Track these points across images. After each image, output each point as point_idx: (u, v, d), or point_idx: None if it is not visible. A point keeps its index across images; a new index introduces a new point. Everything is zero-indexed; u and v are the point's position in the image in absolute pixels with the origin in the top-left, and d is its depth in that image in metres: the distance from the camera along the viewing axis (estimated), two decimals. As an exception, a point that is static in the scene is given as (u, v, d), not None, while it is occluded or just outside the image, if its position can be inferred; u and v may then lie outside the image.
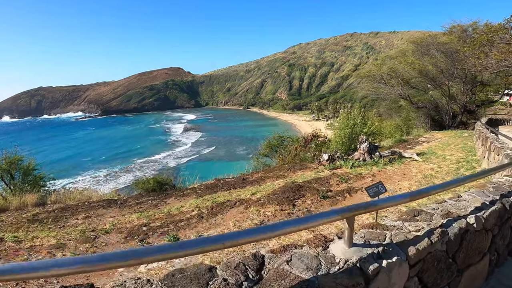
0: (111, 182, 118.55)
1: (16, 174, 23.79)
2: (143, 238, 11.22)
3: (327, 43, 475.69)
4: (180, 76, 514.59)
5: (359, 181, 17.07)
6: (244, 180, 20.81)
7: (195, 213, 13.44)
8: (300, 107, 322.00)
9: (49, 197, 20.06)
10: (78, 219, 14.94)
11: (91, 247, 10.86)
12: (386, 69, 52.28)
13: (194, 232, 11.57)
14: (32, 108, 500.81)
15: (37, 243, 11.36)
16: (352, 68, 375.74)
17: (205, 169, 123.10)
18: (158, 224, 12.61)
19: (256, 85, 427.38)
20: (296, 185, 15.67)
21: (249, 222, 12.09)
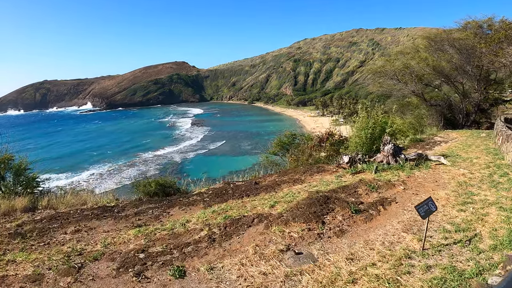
0: (114, 177, 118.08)
1: (7, 175, 21.93)
2: (139, 271, 9.00)
3: (332, 38, 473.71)
4: (185, 70, 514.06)
5: (390, 190, 15.12)
6: (256, 184, 18.75)
7: (204, 234, 11.22)
8: (305, 103, 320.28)
9: (41, 201, 18.08)
10: (66, 233, 12.89)
11: (75, 282, 8.67)
12: (399, 65, 50.28)
13: (205, 262, 9.40)
14: (37, 101, 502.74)
15: (10, 273, 9.30)
16: (357, 64, 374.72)
17: (210, 163, 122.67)
18: (159, 249, 10.38)
19: (261, 80, 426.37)
20: (323, 196, 13.54)
21: (272, 247, 9.94)
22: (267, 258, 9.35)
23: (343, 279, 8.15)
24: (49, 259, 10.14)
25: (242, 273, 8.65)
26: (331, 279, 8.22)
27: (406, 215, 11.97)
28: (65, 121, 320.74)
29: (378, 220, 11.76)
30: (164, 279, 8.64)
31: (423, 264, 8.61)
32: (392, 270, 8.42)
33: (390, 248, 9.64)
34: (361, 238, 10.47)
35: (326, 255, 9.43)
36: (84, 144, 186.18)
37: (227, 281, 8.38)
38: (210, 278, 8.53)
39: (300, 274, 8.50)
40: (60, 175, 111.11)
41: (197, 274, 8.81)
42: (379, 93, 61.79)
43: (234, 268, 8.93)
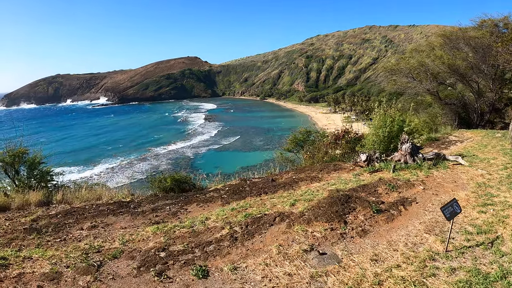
0: (126, 171, 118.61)
1: (21, 168, 21.90)
2: (161, 270, 8.78)
3: (345, 35, 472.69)
4: (197, 65, 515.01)
5: (410, 190, 14.84)
6: (273, 181, 18.52)
7: (226, 232, 11.00)
8: (317, 99, 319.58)
9: (55, 195, 17.98)
10: (83, 229, 12.72)
11: (94, 281, 8.46)
12: (414, 63, 49.86)
13: (228, 262, 9.18)
14: (50, 95, 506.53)
15: (27, 270, 9.08)
16: (370, 61, 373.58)
17: (222, 159, 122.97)
18: (180, 247, 10.18)
19: (273, 76, 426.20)
20: (344, 195, 13.31)
21: (296, 247, 9.71)
22: (291, 258, 9.15)
23: (369, 281, 7.99)
24: (66, 256, 9.96)
25: (267, 274, 8.47)
26: (357, 280, 8.05)
27: (428, 216, 11.74)
28: (78, 115, 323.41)
29: (400, 221, 11.54)
30: (187, 279, 8.44)
31: (448, 267, 8.43)
32: (417, 272, 8.26)
33: (413, 250, 9.45)
34: (384, 238, 10.27)
35: (350, 256, 9.24)
36: (98, 138, 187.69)
37: (252, 281, 8.19)
38: (234, 279, 8.33)
39: (325, 275, 8.32)
40: (73, 168, 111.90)
41: (220, 274, 8.61)
42: (392, 90, 61.55)
43: (258, 268, 8.73)
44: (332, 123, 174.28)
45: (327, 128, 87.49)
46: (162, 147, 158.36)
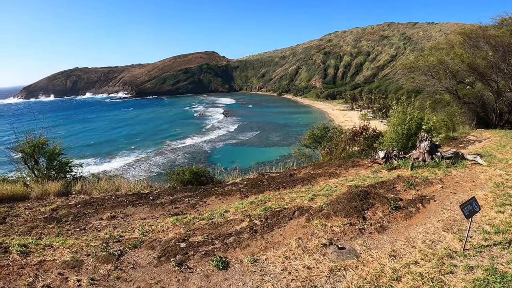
0: (143, 164, 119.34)
1: (41, 159, 22.14)
2: (181, 261, 8.85)
3: (363, 32, 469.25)
4: (215, 60, 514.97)
5: (428, 188, 14.73)
6: (291, 176, 18.54)
7: (245, 225, 11.05)
8: (334, 96, 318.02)
9: (74, 186, 18.13)
10: (102, 219, 12.85)
11: (115, 270, 8.56)
12: (433, 61, 49.41)
13: (248, 254, 9.22)
14: (68, 88, 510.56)
15: (48, 258, 9.18)
16: (388, 58, 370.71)
17: (239, 154, 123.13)
18: (200, 238, 10.25)
19: (291, 71, 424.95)
20: (362, 191, 13.25)
21: (315, 241, 9.72)
22: (310, 251, 9.16)
23: (387, 276, 7.98)
24: (87, 245, 10.06)
25: (286, 266, 8.49)
26: (375, 275, 8.05)
27: (446, 214, 11.67)
28: (97, 108, 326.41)
29: (418, 218, 11.49)
30: (207, 269, 8.51)
31: (465, 265, 8.39)
32: (435, 269, 8.23)
33: (431, 247, 9.41)
34: (402, 235, 10.25)
35: (369, 251, 9.24)
36: (119, 132, 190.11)
37: (272, 274, 8.22)
38: (254, 271, 8.38)
39: (344, 269, 8.33)
40: (90, 160, 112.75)
41: (240, 265, 8.66)
42: (410, 88, 61.09)
43: (278, 261, 8.76)
44: (349, 120, 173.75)
45: (344, 125, 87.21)
46: (179, 141, 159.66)
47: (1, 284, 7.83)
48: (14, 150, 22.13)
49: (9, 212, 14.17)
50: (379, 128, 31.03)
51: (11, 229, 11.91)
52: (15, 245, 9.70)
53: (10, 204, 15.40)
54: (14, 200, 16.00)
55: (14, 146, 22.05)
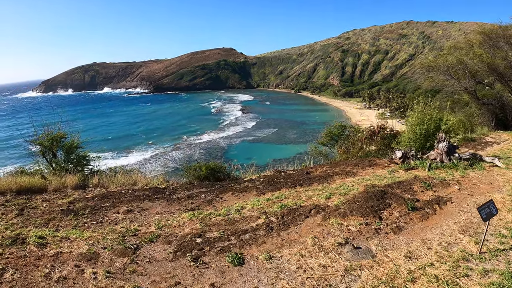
0: (159, 159, 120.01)
1: (59, 152, 22.35)
2: (197, 256, 8.91)
3: (382, 30, 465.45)
4: (233, 56, 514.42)
5: (445, 189, 14.59)
6: (308, 174, 18.47)
7: (262, 222, 11.08)
8: (351, 94, 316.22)
9: (91, 179, 18.26)
10: (119, 212, 12.95)
11: (131, 264, 8.63)
12: (453, 60, 48.95)
13: (263, 251, 9.25)
14: (86, 82, 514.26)
15: (64, 250, 9.29)
16: (406, 57, 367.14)
17: (255, 150, 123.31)
18: (216, 234, 10.29)
19: (308, 69, 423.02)
20: (379, 191, 13.22)
21: (331, 240, 9.71)
22: (326, 250, 9.16)
23: (402, 277, 7.96)
24: (103, 238, 10.15)
25: (302, 264, 8.50)
26: (391, 276, 8.03)
27: (462, 216, 11.57)
28: (116, 103, 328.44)
29: (434, 219, 11.41)
30: (223, 265, 8.55)
31: (481, 268, 8.33)
32: (451, 271, 8.18)
33: (447, 249, 9.35)
34: (418, 236, 10.20)
35: (385, 252, 9.21)
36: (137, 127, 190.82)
37: (287, 271, 8.24)
38: (269, 268, 8.40)
39: (359, 269, 8.33)
40: (107, 154, 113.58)
41: (255, 262, 8.69)
42: (429, 88, 60.53)
43: (293, 258, 8.77)
44: (366, 119, 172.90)
45: (361, 123, 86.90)
46: (196, 136, 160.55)
47: (18, 275, 7.95)
48: (33, 143, 22.39)
49: (26, 204, 14.33)
50: (397, 127, 30.83)
51: (28, 220, 12.07)
52: (32, 237, 9.82)
53: (28, 196, 15.56)
54: (32, 192, 16.15)
55: (33, 139, 22.30)
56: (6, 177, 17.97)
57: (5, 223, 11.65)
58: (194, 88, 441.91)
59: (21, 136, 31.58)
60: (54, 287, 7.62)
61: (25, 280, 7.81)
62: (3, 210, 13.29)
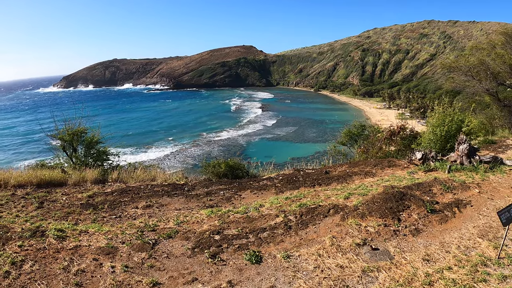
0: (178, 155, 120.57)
1: (79, 147, 22.57)
2: (215, 253, 8.95)
3: (403, 29, 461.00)
4: (252, 54, 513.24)
5: (465, 192, 14.42)
6: (327, 173, 18.41)
7: (280, 220, 11.07)
8: (371, 94, 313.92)
9: (110, 174, 18.40)
10: (138, 208, 13.07)
11: (149, 259, 8.68)
12: (474, 61, 48.40)
13: (281, 249, 9.25)
14: (106, 78, 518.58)
15: (83, 243, 9.42)
16: (427, 57, 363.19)
17: (274, 148, 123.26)
18: (235, 231, 10.32)
19: (328, 68, 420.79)
20: (398, 192, 13.09)
21: (349, 240, 9.68)
22: (344, 250, 9.14)
23: (419, 280, 7.90)
24: (122, 232, 10.24)
25: (319, 264, 8.48)
26: (408, 279, 7.98)
27: (482, 220, 11.44)
28: (136, 99, 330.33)
29: (453, 223, 11.29)
30: (240, 263, 8.58)
31: (499, 273, 8.23)
32: (469, 276, 8.10)
33: (466, 253, 9.26)
34: (437, 239, 10.11)
35: (403, 254, 9.15)
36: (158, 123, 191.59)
37: (304, 271, 8.23)
38: (286, 266, 8.39)
39: (377, 271, 8.28)
40: (126, 149, 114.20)
41: (273, 261, 8.69)
42: (449, 88, 59.92)
43: (311, 258, 8.75)
44: (386, 119, 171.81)
45: (380, 123, 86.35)
46: (216, 134, 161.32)
47: (37, 267, 8.06)
48: (54, 137, 22.64)
49: (46, 197, 14.52)
50: (417, 128, 30.60)
51: (48, 213, 12.24)
52: (51, 229, 9.96)
53: (48, 189, 15.78)
54: (52, 186, 16.38)
55: (54, 133, 22.54)
56: (27, 171, 18.21)
57: (25, 216, 11.84)
58: (213, 85, 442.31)
59: (42, 131, 31.91)
60: (73, 280, 7.71)
61: (44, 272, 7.93)
62: (23, 203, 13.49)
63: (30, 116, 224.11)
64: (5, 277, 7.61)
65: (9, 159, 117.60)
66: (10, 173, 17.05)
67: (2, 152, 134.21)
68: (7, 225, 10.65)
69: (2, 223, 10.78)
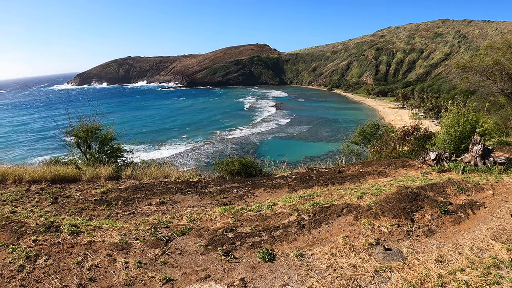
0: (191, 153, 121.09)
1: (93, 143, 22.78)
2: (228, 250, 8.97)
3: (417, 28, 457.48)
4: (266, 52, 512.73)
5: (479, 194, 14.29)
6: (340, 172, 18.40)
7: (293, 219, 11.07)
8: (385, 93, 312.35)
9: (124, 171, 18.53)
10: (151, 204, 13.16)
11: (162, 255, 8.75)
12: (489, 61, 48.03)
13: (294, 248, 9.24)
14: (120, 76, 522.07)
15: (97, 239, 9.51)
16: (442, 56, 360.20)
17: (287, 147, 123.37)
18: (248, 229, 10.35)
19: (342, 67, 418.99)
20: (412, 193, 13.04)
21: (362, 240, 9.65)
22: (356, 250, 9.11)
23: (432, 282, 7.86)
24: (135, 229, 10.32)
25: (332, 263, 8.47)
26: (421, 279, 7.93)
27: (495, 222, 11.36)
28: (149, 96, 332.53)
29: (467, 224, 11.21)
30: (253, 261, 8.60)
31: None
32: (481, 278, 8.03)
33: (478, 255, 9.18)
34: (450, 240, 10.05)
35: (415, 254, 9.10)
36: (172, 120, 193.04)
37: (317, 269, 8.23)
38: (299, 265, 8.40)
39: (389, 271, 8.24)
40: (139, 146, 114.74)
41: (286, 259, 8.69)
42: (464, 88, 59.63)
43: (324, 257, 8.74)
44: (400, 118, 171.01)
45: (394, 123, 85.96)
46: (229, 132, 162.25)
47: (51, 261, 8.14)
48: (68, 133, 22.86)
49: (60, 192, 14.67)
50: (430, 128, 30.44)
51: (62, 209, 12.39)
52: (66, 225, 10.06)
53: (62, 185, 15.94)
54: (66, 182, 16.55)
55: (68, 130, 22.76)
56: (41, 166, 18.38)
57: (40, 211, 11.98)
58: (227, 84, 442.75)
59: (56, 127, 32.20)
60: (86, 275, 7.79)
61: (58, 266, 8.01)
62: (38, 198, 13.65)
63: (44, 112, 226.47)
64: (19, 271, 7.71)
65: (23, 155, 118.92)
66: (24, 169, 17.22)
67: (17, 148, 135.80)
68: (22, 219, 10.79)
69: (17, 218, 10.92)
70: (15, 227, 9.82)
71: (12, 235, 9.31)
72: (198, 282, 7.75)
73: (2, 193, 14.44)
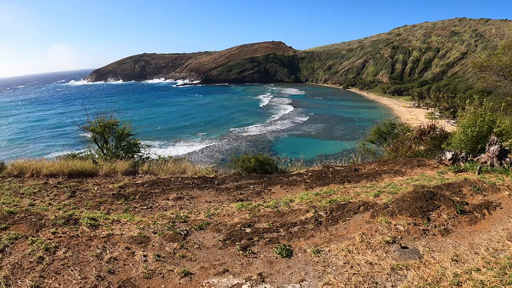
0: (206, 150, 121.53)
1: (110, 139, 23.02)
2: (246, 245, 9.04)
3: (433, 26, 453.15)
4: (282, 50, 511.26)
5: (495, 194, 14.19)
6: (356, 170, 18.41)
7: (310, 215, 11.13)
8: (401, 92, 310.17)
9: (141, 166, 18.71)
10: (168, 199, 13.31)
11: (180, 249, 8.85)
12: (507, 60, 47.61)
13: (311, 244, 9.28)
14: (136, 72, 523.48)
15: (116, 232, 9.65)
16: (458, 55, 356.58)
17: (302, 145, 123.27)
18: (265, 225, 10.43)
19: (358, 65, 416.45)
20: (428, 192, 13.02)
21: (379, 238, 9.67)
22: (373, 248, 9.14)
23: (448, 280, 7.87)
24: (154, 223, 10.45)
25: (349, 260, 8.51)
26: (436, 278, 7.95)
27: (511, 223, 11.34)
28: (166, 93, 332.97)
29: (483, 224, 11.19)
30: (271, 256, 8.66)
31: (527, 277, 8.15)
32: (497, 278, 8.01)
33: (494, 255, 9.15)
34: (466, 240, 10.04)
35: (432, 253, 9.11)
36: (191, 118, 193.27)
37: (334, 266, 8.27)
38: (316, 261, 8.44)
39: (406, 269, 8.27)
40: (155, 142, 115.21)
41: (303, 255, 8.74)
42: (481, 88, 59.24)
43: (341, 254, 8.78)
44: (415, 118, 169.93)
45: (410, 122, 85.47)
46: (244, 129, 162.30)
47: (70, 253, 8.28)
48: (85, 129, 23.12)
49: (78, 186, 14.89)
50: (446, 128, 30.30)
51: (80, 202, 12.59)
52: (84, 218, 10.22)
53: (79, 179, 16.15)
54: (83, 176, 16.80)
55: (86, 125, 23.04)
56: (59, 161, 18.61)
57: (58, 204, 12.18)
58: (242, 81, 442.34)
59: (74, 123, 32.54)
60: (105, 267, 7.91)
61: (77, 258, 8.15)
62: (56, 192, 13.87)
63: (61, 108, 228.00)
64: (39, 262, 7.85)
65: (41, 150, 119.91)
66: (42, 163, 17.48)
67: (34, 143, 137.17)
68: (41, 212, 10.99)
69: (36, 211, 11.13)
70: (34, 220, 10.01)
71: (31, 227, 9.49)
72: (216, 276, 7.83)
73: (21, 186, 14.71)
